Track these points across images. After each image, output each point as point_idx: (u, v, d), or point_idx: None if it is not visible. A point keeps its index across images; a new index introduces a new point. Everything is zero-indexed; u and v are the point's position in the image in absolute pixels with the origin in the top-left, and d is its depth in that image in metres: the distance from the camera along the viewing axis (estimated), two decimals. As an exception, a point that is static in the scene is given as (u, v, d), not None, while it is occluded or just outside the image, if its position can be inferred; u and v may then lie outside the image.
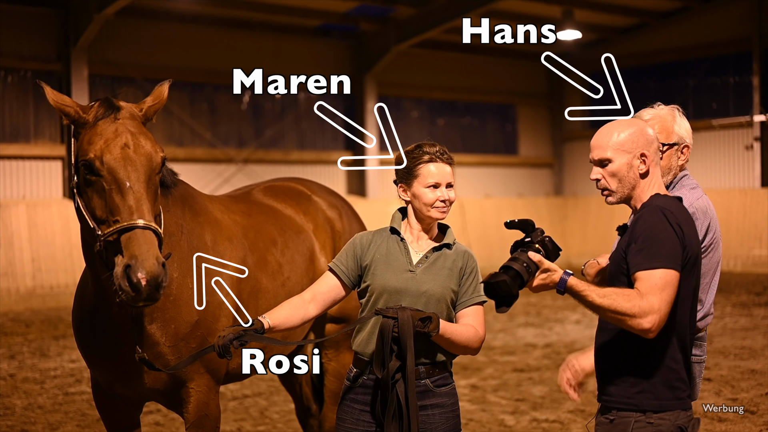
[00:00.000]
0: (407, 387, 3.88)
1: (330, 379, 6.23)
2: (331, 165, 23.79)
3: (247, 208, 5.74)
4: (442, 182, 4.07)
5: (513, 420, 8.67)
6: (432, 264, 4.10)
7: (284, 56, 22.88)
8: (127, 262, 3.87)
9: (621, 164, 3.78)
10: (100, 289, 4.52)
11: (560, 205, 28.00)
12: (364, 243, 4.20)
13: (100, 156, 4.04)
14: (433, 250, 4.14)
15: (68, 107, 4.16)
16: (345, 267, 4.18)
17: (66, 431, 8.41)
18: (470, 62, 26.21)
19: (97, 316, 4.62)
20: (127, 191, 4.00)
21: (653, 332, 3.55)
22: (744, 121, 24.29)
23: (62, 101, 4.16)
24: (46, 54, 19.36)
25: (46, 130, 19.45)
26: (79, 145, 4.14)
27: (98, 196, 4.02)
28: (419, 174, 4.08)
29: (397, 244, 4.15)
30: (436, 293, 4.05)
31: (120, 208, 3.96)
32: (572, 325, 14.69)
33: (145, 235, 3.92)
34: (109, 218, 3.98)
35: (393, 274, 4.08)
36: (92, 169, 4.03)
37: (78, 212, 4.20)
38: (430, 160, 4.09)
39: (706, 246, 4.39)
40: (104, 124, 4.13)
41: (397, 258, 4.12)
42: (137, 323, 4.55)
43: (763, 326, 14.02)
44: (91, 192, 4.04)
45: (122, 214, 3.94)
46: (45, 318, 16.00)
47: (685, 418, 3.71)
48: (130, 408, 4.96)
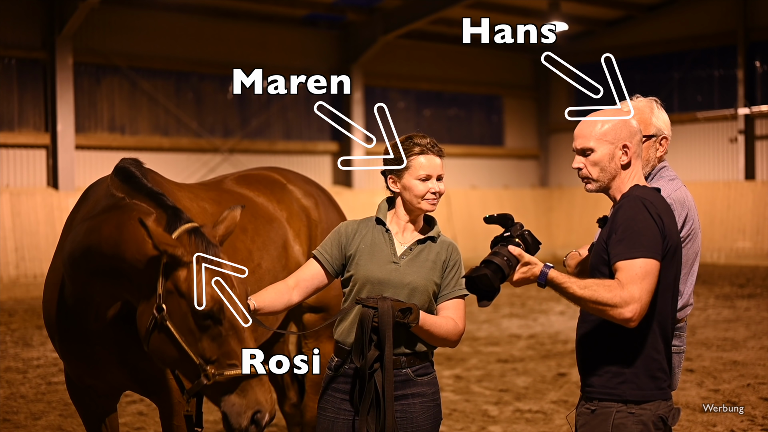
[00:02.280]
0: (384, 377, 3.90)
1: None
2: (317, 155, 23.77)
3: (217, 195, 5.69)
4: (432, 174, 4.08)
5: (496, 410, 8.69)
6: (416, 256, 4.11)
7: (270, 46, 22.81)
8: (256, 409, 3.89)
9: (603, 154, 3.81)
10: (74, 298, 4.49)
11: (546, 196, 28.06)
12: (350, 232, 4.20)
13: (221, 306, 3.92)
14: (417, 242, 4.15)
15: (176, 248, 3.92)
16: (329, 255, 4.18)
17: (49, 421, 8.39)
18: (457, 53, 26.21)
19: (71, 317, 4.60)
20: (243, 337, 3.96)
21: (634, 321, 3.57)
22: (728, 114, 24.37)
23: (168, 242, 3.91)
24: (31, 42, 19.24)
25: (30, 119, 19.35)
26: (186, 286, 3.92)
27: (212, 339, 3.94)
28: (410, 166, 4.08)
29: (382, 235, 4.16)
30: (419, 285, 4.06)
31: (238, 353, 3.91)
32: (556, 316, 14.75)
33: (264, 381, 3.94)
34: (223, 360, 3.92)
35: (377, 264, 4.09)
36: (213, 318, 3.93)
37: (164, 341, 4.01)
38: (421, 152, 4.09)
39: (683, 237, 4.42)
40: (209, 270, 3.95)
41: (381, 249, 4.12)
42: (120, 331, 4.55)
43: (746, 318, 14.10)
44: (201, 334, 3.94)
45: (240, 359, 3.90)
46: (28, 307, 15.95)
47: (666, 407, 3.74)
48: (104, 398, 4.95)
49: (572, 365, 10.50)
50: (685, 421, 7.99)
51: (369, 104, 24.49)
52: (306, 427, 6.38)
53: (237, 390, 3.91)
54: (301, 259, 5.94)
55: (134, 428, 8.11)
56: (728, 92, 24.62)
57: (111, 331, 4.53)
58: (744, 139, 24.15)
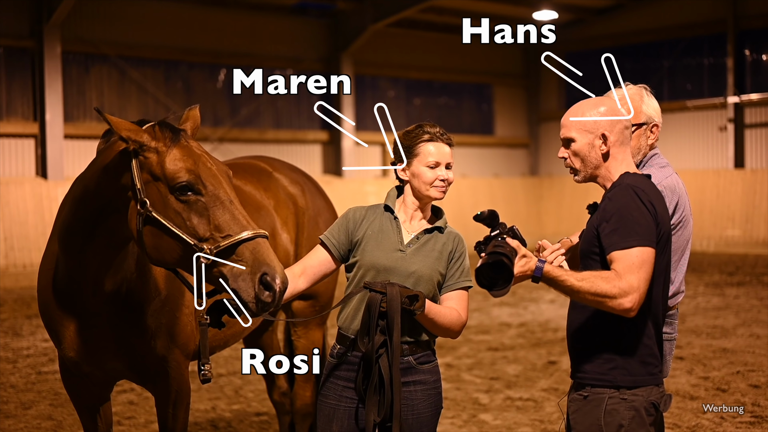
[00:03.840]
0: (391, 362, 3.91)
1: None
2: (308, 144, 23.74)
3: None
4: (441, 162, 4.10)
5: (487, 398, 8.71)
6: (422, 245, 4.12)
7: (260, 34, 22.75)
8: (262, 271, 3.80)
9: (582, 144, 3.81)
10: (70, 274, 4.49)
11: (536, 185, 28.09)
12: (357, 218, 4.20)
13: (198, 176, 3.96)
14: (424, 231, 4.16)
15: (139, 134, 4.03)
16: (336, 240, 4.19)
17: (39, 410, 8.38)
18: (447, 42, 26.18)
19: (67, 298, 4.59)
20: (231, 206, 3.95)
21: (634, 311, 3.57)
22: (718, 102, 24.43)
23: (130, 128, 4.04)
24: (19, 30, 19.14)
25: (18, 108, 19.27)
26: (159, 169, 3.99)
27: (198, 215, 3.93)
28: (419, 153, 4.10)
29: (390, 223, 4.17)
30: (424, 274, 4.07)
31: (229, 223, 3.89)
32: (547, 304, 14.77)
33: (266, 244, 3.89)
34: (216, 234, 3.90)
35: (383, 252, 4.10)
36: (192, 189, 3.93)
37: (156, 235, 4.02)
38: (430, 139, 4.11)
39: (674, 224, 4.41)
40: (181, 147, 4.04)
41: (388, 236, 4.13)
42: (121, 311, 4.54)
43: (735, 306, 14.15)
44: (187, 212, 3.94)
45: (233, 228, 3.88)
46: (18, 297, 15.90)
47: (658, 393, 3.75)
48: (98, 387, 4.94)
49: (562, 353, 10.52)
50: (675, 408, 8.02)
51: (359, 93, 24.46)
52: (296, 415, 6.39)
53: (238, 262, 3.86)
54: (288, 247, 5.94)
55: (125, 417, 8.10)
56: (718, 80, 24.67)
57: (108, 312, 4.52)
58: (733, 127, 24.21)
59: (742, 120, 24.23)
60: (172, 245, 3.99)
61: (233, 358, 10.53)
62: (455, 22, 25.59)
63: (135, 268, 4.56)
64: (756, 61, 24.19)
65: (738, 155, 24.14)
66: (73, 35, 19.79)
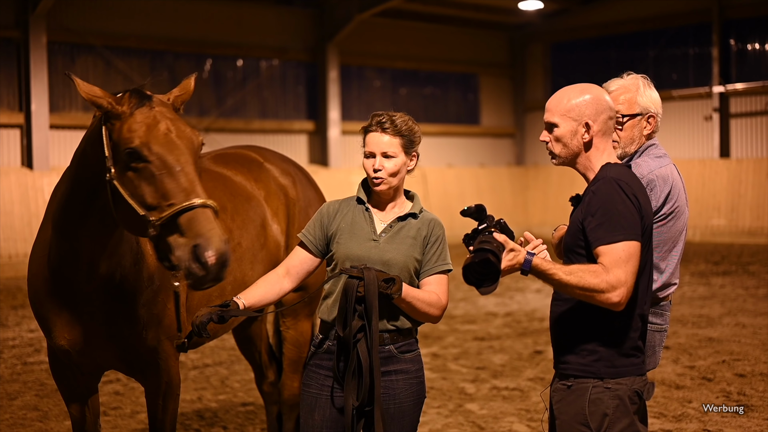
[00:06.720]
0: (371, 347, 3.92)
1: (288, 347, 6.25)
2: (293, 134, 23.70)
3: None
4: (376, 151, 4.09)
5: (473, 388, 8.74)
6: (396, 233, 4.13)
7: (246, 24, 22.68)
8: (195, 242, 3.80)
9: (565, 131, 3.80)
10: (64, 258, 4.48)
11: (522, 174, 28.11)
12: (331, 212, 4.22)
13: (146, 142, 3.97)
14: (397, 219, 4.17)
15: (101, 98, 4.06)
16: (313, 237, 4.21)
17: (25, 401, 8.36)
18: (433, 32, 26.15)
19: (60, 285, 4.58)
20: (179, 174, 3.94)
21: (622, 305, 3.58)
22: (703, 92, 24.48)
23: (94, 93, 4.07)
24: (4, 20, 19.01)
25: (3, 98, 19.17)
26: (118, 135, 4.03)
27: (147, 182, 3.94)
28: (364, 144, 4.15)
29: (362, 214, 4.18)
30: (398, 262, 4.07)
31: (174, 191, 3.89)
32: (533, 294, 14.82)
33: (206, 214, 3.88)
34: (162, 203, 3.90)
35: (356, 242, 4.11)
36: (139, 156, 3.94)
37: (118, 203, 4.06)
38: (368, 129, 4.14)
39: (665, 214, 4.38)
40: (142, 113, 4.06)
41: (361, 227, 4.14)
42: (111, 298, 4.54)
43: (721, 295, 14.22)
44: (138, 180, 3.95)
45: (177, 196, 3.88)
46: (3, 287, 15.84)
47: (641, 382, 3.77)
48: (87, 377, 4.94)
49: (548, 343, 10.55)
50: (660, 398, 8.06)
51: (345, 83, 24.42)
52: (284, 405, 6.39)
53: (178, 232, 3.88)
54: (279, 238, 5.94)
55: (111, 408, 8.10)
56: (703, 70, 24.71)
57: (100, 299, 4.51)
58: (719, 117, 24.26)
59: (728, 110, 24.29)
60: (129, 214, 4.02)
61: (219, 348, 10.53)
62: (441, 12, 25.57)
63: (129, 254, 4.56)
64: (741, 50, 24.25)
65: (723, 145, 24.21)
66: (58, 25, 19.68)
